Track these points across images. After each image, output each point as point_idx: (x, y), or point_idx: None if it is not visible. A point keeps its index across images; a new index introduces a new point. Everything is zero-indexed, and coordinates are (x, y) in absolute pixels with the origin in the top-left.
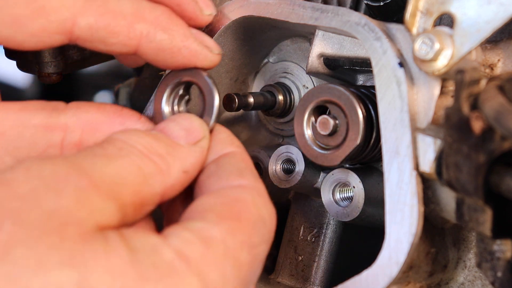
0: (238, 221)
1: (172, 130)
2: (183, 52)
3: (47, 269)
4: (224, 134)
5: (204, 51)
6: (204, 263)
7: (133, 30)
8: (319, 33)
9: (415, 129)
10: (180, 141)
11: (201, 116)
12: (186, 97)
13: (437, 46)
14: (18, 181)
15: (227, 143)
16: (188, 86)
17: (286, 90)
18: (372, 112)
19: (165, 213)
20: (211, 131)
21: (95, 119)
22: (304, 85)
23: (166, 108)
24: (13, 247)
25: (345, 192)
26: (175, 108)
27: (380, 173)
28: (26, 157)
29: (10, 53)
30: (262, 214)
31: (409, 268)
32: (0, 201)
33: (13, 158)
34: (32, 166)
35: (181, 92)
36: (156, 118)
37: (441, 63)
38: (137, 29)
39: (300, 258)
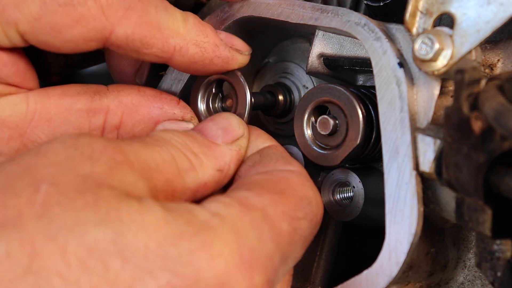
0: (281, 194)
1: (209, 129)
2: (215, 62)
3: (83, 227)
4: (261, 131)
5: (235, 56)
6: (241, 222)
7: (167, 45)
8: (319, 33)
9: (415, 129)
10: (217, 140)
11: (234, 112)
12: (220, 94)
13: (437, 46)
14: (54, 151)
15: (266, 138)
16: (220, 83)
17: (286, 90)
18: (372, 112)
19: None
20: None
21: (136, 102)
22: (304, 85)
23: (202, 106)
24: (50, 207)
25: (345, 192)
26: (211, 105)
27: (380, 173)
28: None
29: None
30: (308, 195)
31: (409, 268)
32: (37, 167)
33: None
34: (68, 138)
35: (214, 90)
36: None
37: (441, 63)
38: (170, 44)
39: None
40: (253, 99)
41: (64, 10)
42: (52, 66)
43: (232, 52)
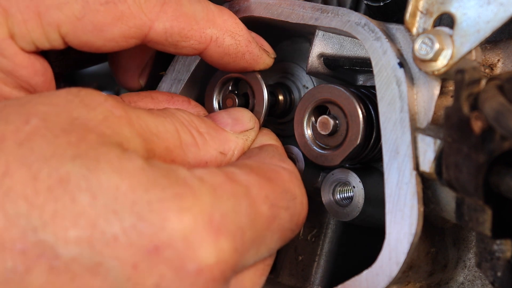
0: (268, 181)
1: (221, 117)
2: (246, 57)
3: (59, 160)
4: (268, 130)
5: (263, 56)
6: (220, 190)
7: (204, 35)
8: (319, 33)
9: (415, 129)
10: (226, 128)
11: (251, 110)
12: (236, 92)
13: (437, 46)
14: (56, 95)
15: (272, 138)
16: (236, 81)
17: (286, 90)
18: (372, 112)
19: None
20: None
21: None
22: (304, 85)
23: (216, 104)
24: (33, 138)
25: (345, 192)
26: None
27: (380, 173)
28: None
29: None
30: (294, 191)
31: (409, 268)
32: (34, 104)
33: None
34: (73, 88)
35: (230, 88)
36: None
37: (441, 63)
38: (207, 34)
39: (300, 258)
40: (269, 101)
41: (106, 9)
42: (53, 66)
43: (261, 51)
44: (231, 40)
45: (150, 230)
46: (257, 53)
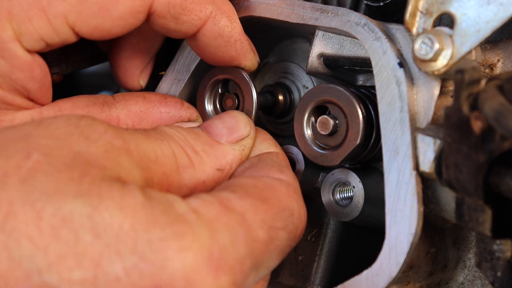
0: (264, 201)
1: (215, 127)
2: (237, 45)
3: (62, 198)
4: (267, 135)
5: (251, 53)
6: (217, 222)
7: (204, 9)
8: (319, 33)
9: (415, 129)
10: (221, 139)
11: (241, 110)
12: (226, 94)
13: (437, 46)
14: (55, 125)
15: (272, 144)
16: (225, 83)
17: (286, 90)
18: (372, 112)
19: None
20: None
21: (144, 109)
22: (304, 85)
23: (209, 107)
24: (36, 174)
25: (345, 192)
26: (218, 105)
27: (380, 173)
28: None
29: None
30: (291, 207)
31: (409, 268)
32: (34, 137)
33: None
34: (72, 116)
35: (220, 89)
36: (202, 117)
37: (441, 63)
38: (207, 9)
39: (300, 258)
40: (260, 98)
41: None
42: (52, 66)
43: (251, 47)
44: (228, 21)
45: (151, 269)
46: (247, 46)
